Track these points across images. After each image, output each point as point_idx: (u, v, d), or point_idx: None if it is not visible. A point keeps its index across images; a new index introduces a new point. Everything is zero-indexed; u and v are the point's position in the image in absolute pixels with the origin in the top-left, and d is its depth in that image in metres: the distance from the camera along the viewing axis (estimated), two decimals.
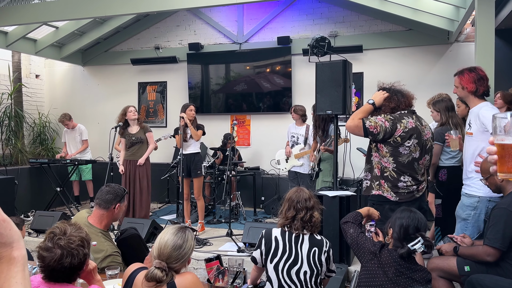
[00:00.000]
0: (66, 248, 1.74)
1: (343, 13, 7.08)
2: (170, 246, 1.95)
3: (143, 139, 5.62)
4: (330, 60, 4.19)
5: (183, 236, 2.00)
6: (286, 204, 2.57)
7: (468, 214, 3.13)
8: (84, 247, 1.79)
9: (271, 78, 7.39)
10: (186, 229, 2.07)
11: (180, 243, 1.97)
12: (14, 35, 6.88)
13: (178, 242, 1.97)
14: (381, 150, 3.24)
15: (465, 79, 3.14)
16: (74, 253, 1.74)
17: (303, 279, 2.40)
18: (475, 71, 3.16)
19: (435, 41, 6.56)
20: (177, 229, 2.03)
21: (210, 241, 4.91)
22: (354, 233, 2.51)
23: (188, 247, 2.00)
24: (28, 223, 5.49)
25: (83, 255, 1.78)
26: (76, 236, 1.79)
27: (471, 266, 2.76)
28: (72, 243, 1.76)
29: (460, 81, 3.18)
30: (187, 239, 2.01)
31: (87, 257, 1.81)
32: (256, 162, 7.44)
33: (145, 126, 5.69)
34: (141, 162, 5.51)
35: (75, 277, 1.82)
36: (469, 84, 3.12)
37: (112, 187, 2.84)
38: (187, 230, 2.06)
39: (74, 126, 7.11)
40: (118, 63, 8.38)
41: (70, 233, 1.80)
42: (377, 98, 3.29)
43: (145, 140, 5.65)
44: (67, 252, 1.74)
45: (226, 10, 7.66)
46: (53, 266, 1.74)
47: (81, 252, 1.77)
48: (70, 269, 1.75)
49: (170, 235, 1.99)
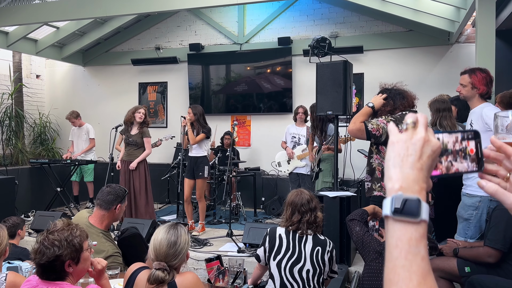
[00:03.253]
0: (41, 245, 1.76)
1: (343, 14, 7.09)
2: (165, 245, 1.95)
3: (138, 142, 5.62)
4: (330, 60, 4.19)
5: (176, 233, 2.00)
6: (289, 209, 2.57)
7: (470, 214, 3.12)
8: (59, 247, 1.75)
9: (272, 78, 7.40)
10: (177, 225, 2.07)
11: (174, 239, 1.97)
12: (15, 35, 6.89)
13: (172, 239, 1.96)
14: (382, 152, 3.24)
15: (478, 80, 3.07)
16: (45, 251, 1.74)
17: (306, 278, 2.41)
18: (487, 72, 3.11)
19: (435, 42, 6.57)
20: (168, 227, 2.03)
21: (210, 242, 4.91)
22: (360, 231, 2.53)
23: (183, 242, 2.00)
24: (29, 223, 5.49)
25: (54, 256, 1.73)
26: (54, 235, 1.78)
27: (471, 267, 2.76)
28: (46, 241, 1.76)
29: (472, 81, 3.10)
30: (180, 234, 2.01)
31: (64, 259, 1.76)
32: (256, 162, 7.44)
33: (144, 131, 5.67)
34: (132, 166, 5.49)
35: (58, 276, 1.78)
36: (482, 85, 3.07)
37: (113, 188, 2.84)
38: (178, 226, 2.06)
39: (82, 124, 7.09)
40: (118, 64, 8.38)
41: (52, 231, 1.80)
42: (376, 102, 3.30)
43: (141, 144, 5.64)
44: (40, 249, 1.75)
45: (227, 11, 7.66)
46: (34, 260, 1.77)
47: (51, 252, 1.73)
48: (42, 267, 1.75)
49: (162, 234, 1.99)
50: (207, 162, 5.39)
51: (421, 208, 0.64)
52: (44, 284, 1.77)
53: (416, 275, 0.61)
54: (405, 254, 0.62)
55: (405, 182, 0.66)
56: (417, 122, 0.70)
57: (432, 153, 0.68)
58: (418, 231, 0.64)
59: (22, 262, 2.62)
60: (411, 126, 0.70)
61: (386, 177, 0.69)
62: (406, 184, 0.66)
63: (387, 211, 0.65)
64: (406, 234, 0.63)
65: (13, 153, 7.39)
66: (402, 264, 0.62)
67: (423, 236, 0.64)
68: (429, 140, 0.68)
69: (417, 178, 0.66)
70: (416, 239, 0.63)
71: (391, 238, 0.65)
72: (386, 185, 0.69)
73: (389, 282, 0.62)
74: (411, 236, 0.63)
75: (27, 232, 5.09)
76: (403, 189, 0.65)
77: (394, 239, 0.64)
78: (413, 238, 0.63)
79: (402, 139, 0.69)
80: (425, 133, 0.68)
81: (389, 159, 0.69)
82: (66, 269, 1.78)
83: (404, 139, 0.69)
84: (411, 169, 0.66)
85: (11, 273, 2.21)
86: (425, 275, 0.61)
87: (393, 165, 0.68)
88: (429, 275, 0.62)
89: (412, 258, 0.62)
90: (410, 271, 0.61)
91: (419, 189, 0.66)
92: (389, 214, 0.65)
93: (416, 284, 0.60)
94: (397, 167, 0.67)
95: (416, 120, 0.70)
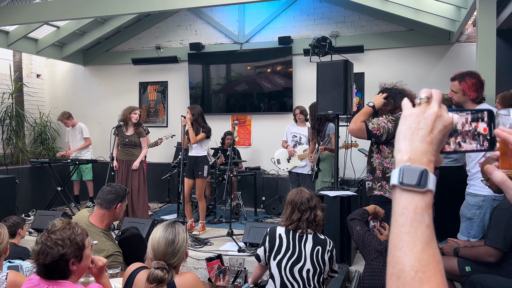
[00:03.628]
0: (44, 245, 1.75)
1: (344, 13, 7.08)
2: (163, 244, 1.94)
3: (136, 142, 5.69)
4: (331, 60, 4.19)
5: (173, 231, 1.99)
6: (289, 207, 2.57)
7: (473, 214, 3.12)
8: (63, 246, 1.75)
9: (272, 78, 7.39)
10: (175, 223, 2.06)
11: (172, 237, 1.96)
12: (15, 34, 6.89)
13: (169, 238, 1.96)
14: (383, 151, 3.24)
15: (468, 86, 3.09)
16: (49, 251, 1.73)
17: (306, 277, 2.41)
18: (476, 77, 3.11)
19: (436, 42, 6.56)
20: (165, 226, 2.02)
21: (210, 241, 4.91)
22: (361, 231, 2.53)
23: (182, 240, 1.99)
24: (29, 222, 5.50)
25: (58, 255, 1.74)
26: (57, 235, 1.78)
27: (472, 266, 2.76)
28: (49, 241, 1.75)
29: (462, 87, 3.11)
30: (178, 232, 2.00)
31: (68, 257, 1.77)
32: (256, 162, 7.45)
33: (140, 131, 5.73)
34: (136, 165, 5.58)
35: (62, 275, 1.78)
36: (472, 92, 3.09)
37: (113, 187, 2.84)
38: (176, 224, 2.05)
39: (75, 124, 7.11)
40: (119, 63, 8.38)
41: (53, 230, 1.80)
42: (377, 101, 3.30)
43: (138, 144, 5.71)
44: (43, 249, 1.74)
45: (227, 10, 7.66)
46: (36, 261, 1.77)
47: (55, 251, 1.74)
48: (45, 267, 1.75)
49: (160, 232, 1.98)
50: (207, 161, 5.39)
51: (428, 179, 0.65)
52: (45, 283, 1.77)
53: (420, 241, 0.63)
54: (411, 222, 0.64)
55: (414, 154, 0.67)
56: (431, 97, 0.71)
57: (444, 128, 0.69)
58: (424, 200, 0.65)
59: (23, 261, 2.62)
60: (424, 101, 0.71)
61: (395, 150, 0.71)
62: (415, 156, 0.67)
63: (395, 180, 0.67)
64: (412, 203, 0.65)
65: (13, 152, 7.39)
66: (407, 230, 0.64)
67: (428, 206, 0.65)
68: (442, 115, 0.70)
69: (426, 151, 0.68)
70: (421, 207, 0.65)
71: (397, 206, 0.66)
72: (395, 156, 0.70)
73: (394, 247, 0.64)
74: (416, 205, 0.65)
75: (28, 231, 5.10)
76: (412, 160, 0.67)
77: (400, 207, 0.66)
78: (419, 206, 0.65)
79: (414, 113, 0.70)
80: (438, 108, 0.70)
81: (400, 132, 0.71)
82: (70, 267, 1.79)
83: (417, 113, 0.70)
84: (420, 142, 0.68)
85: (12, 272, 2.21)
86: (429, 242, 0.63)
87: (403, 138, 0.70)
88: (433, 242, 0.64)
89: (417, 225, 0.64)
90: (415, 237, 0.63)
91: (427, 161, 0.67)
92: (396, 184, 0.67)
93: (419, 249, 0.62)
94: (407, 140, 0.69)
95: (430, 95, 0.71)
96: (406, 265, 0.62)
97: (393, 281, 0.62)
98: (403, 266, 0.62)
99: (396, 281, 0.62)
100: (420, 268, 0.61)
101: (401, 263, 0.62)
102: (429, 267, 0.61)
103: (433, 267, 0.62)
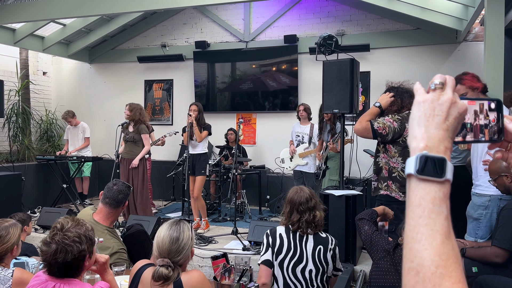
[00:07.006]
0: (60, 244, 1.74)
1: (350, 11, 7.05)
2: (167, 241, 1.94)
3: (136, 139, 5.66)
4: (337, 58, 4.17)
5: (178, 229, 1.99)
6: (288, 206, 2.54)
7: (480, 214, 3.10)
8: (81, 243, 1.76)
9: (277, 76, 7.38)
10: (180, 221, 2.06)
11: (177, 235, 1.96)
12: (22, 32, 6.92)
13: (174, 235, 1.96)
14: (390, 150, 3.22)
15: (471, 81, 3.08)
16: (68, 249, 1.73)
17: (309, 278, 2.40)
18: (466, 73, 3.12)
19: (443, 41, 6.51)
20: (171, 224, 2.03)
21: (215, 239, 4.92)
22: (369, 230, 2.52)
23: (186, 238, 1.98)
24: (35, 219, 5.52)
25: (78, 252, 1.75)
26: (73, 232, 1.78)
27: (478, 267, 2.74)
28: (66, 239, 1.75)
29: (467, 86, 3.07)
30: (183, 230, 2.00)
31: (85, 253, 1.78)
32: (261, 160, 7.44)
33: (139, 127, 5.70)
34: (134, 164, 5.55)
35: (76, 272, 1.79)
36: (478, 83, 3.08)
37: (120, 186, 2.84)
38: (181, 222, 2.05)
39: (77, 123, 7.14)
40: (124, 61, 8.40)
41: (67, 228, 1.79)
42: (383, 101, 3.28)
43: (138, 140, 5.68)
44: (61, 248, 1.73)
45: (233, 8, 7.65)
46: (49, 261, 1.75)
47: (75, 248, 1.74)
48: (64, 265, 1.74)
49: (165, 230, 1.99)
50: (207, 159, 5.43)
51: (447, 167, 0.63)
52: (53, 280, 1.77)
53: (440, 234, 0.61)
54: (429, 213, 0.62)
55: (430, 141, 0.66)
56: (445, 83, 0.70)
57: (459, 115, 0.68)
58: (441, 191, 0.63)
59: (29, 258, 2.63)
60: (439, 87, 0.69)
61: (410, 136, 0.69)
62: (432, 144, 0.65)
63: (411, 169, 0.65)
64: (430, 193, 0.63)
65: (19, 149, 7.43)
66: (425, 222, 0.62)
67: (446, 196, 0.64)
68: (456, 102, 0.68)
69: (443, 138, 0.66)
70: (440, 198, 0.63)
71: (414, 197, 0.64)
72: (410, 144, 0.68)
73: (411, 239, 0.62)
74: (435, 195, 0.63)
75: (34, 228, 5.12)
76: (429, 148, 0.65)
77: (417, 198, 0.64)
78: (437, 197, 0.63)
79: (428, 99, 0.69)
80: (453, 95, 0.68)
81: (413, 118, 0.69)
82: (84, 263, 1.80)
83: (431, 99, 0.69)
84: (436, 129, 0.66)
85: (18, 269, 2.21)
86: (448, 234, 0.61)
87: (418, 124, 0.68)
88: (451, 235, 0.62)
89: (435, 217, 0.62)
90: (434, 229, 0.61)
91: (444, 149, 0.65)
92: (413, 173, 0.64)
93: (439, 242, 0.60)
94: (422, 126, 0.67)
95: (444, 81, 0.70)
96: (425, 259, 0.59)
97: (411, 276, 0.60)
98: (422, 260, 0.59)
99: (415, 276, 0.59)
100: (441, 262, 0.59)
101: (420, 257, 0.60)
102: (450, 262, 0.59)
103: (453, 261, 0.59)
